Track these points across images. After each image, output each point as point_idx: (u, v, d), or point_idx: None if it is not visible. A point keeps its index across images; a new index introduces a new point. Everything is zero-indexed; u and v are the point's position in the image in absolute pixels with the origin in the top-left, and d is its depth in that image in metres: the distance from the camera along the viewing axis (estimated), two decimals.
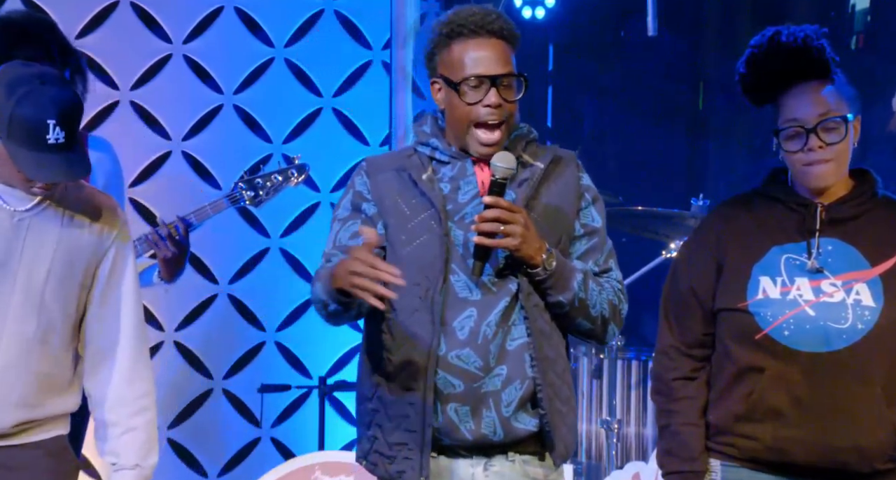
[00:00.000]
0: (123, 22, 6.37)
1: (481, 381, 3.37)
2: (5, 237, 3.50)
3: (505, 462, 3.43)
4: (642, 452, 6.28)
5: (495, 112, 3.40)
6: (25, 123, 3.38)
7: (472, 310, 3.38)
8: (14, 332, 3.50)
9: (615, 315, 3.50)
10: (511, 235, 3.32)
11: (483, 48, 3.41)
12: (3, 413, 3.51)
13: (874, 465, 3.42)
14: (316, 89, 6.58)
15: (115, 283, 3.63)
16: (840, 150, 3.44)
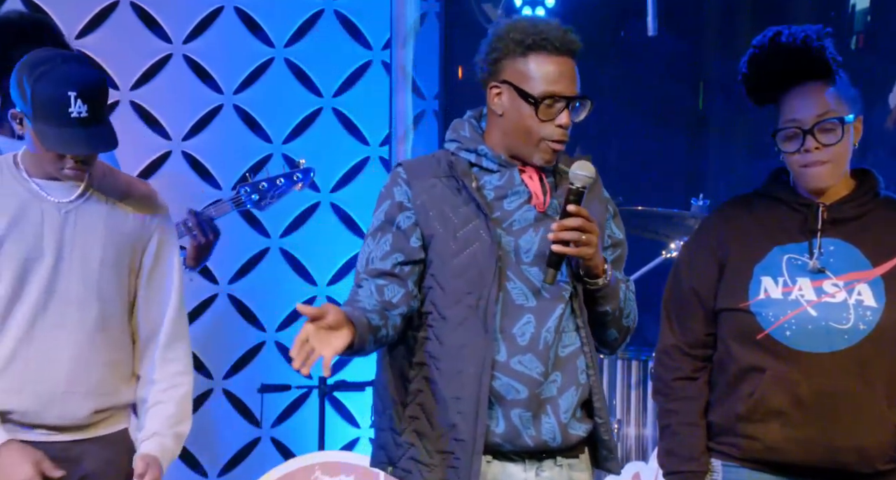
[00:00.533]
0: (123, 22, 6.37)
1: (541, 387, 3.39)
2: (57, 229, 3.61)
3: (554, 467, 3.45)
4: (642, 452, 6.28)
5: (565, 133, 3.42)
6: (47, 98, 3.47)
7: (529, 316, 3.40)
8: (77, 321, 3.61)
9: (634, 323, 3.57)
10: (588, 245, 3.35)
11: (563, 67, 3.41)
12: (81, 403, 3.63)
13: (875, 466, 3.42)
14: (316, 89, 6.58)
15: (161, 266, 3.73)
16: (837, 151, 3.43)
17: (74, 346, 3.61)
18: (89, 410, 3.63)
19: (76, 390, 3.61)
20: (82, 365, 3.61)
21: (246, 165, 6.39)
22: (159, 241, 3.72)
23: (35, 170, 3.63)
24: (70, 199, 3.62)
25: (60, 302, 3.60)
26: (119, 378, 3.69)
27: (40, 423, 3.62)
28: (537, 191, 3.43)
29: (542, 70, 3.39)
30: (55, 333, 3.60)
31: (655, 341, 3.63)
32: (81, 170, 3.58)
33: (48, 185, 3.63)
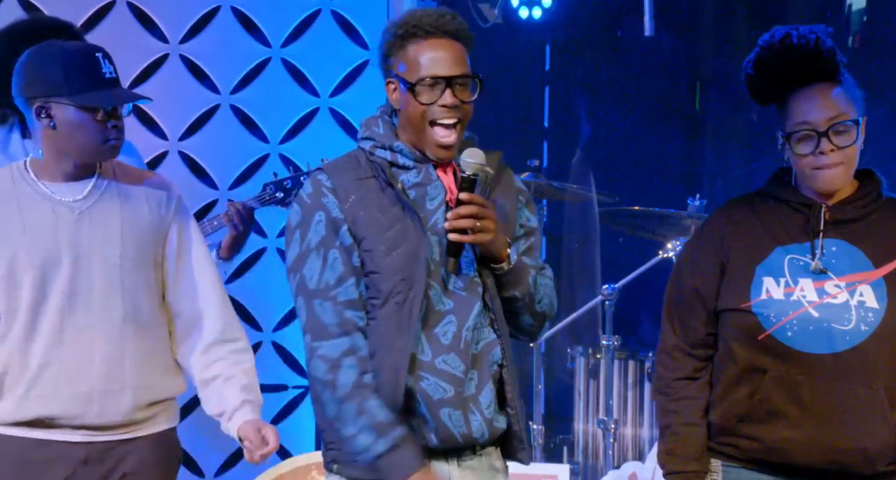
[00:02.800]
0: (120, 21, 6.36)
1: (464, 386, 3.40)
2: (72, 230, 3.62)
3: (474, 457, 3.46)
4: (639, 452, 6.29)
5: (450, 112, 3.38)
6: (78, 62, 3.55)
7: (450, 317, 3.40)
8: (104, 320, 3.62)
9: (551, 311, 3.54)
10: (485, 231, 3.34)
11: (438, 48, 3.39)
12: (120, 399, 3.63)
13: (876, 467, 3.42)
14: (313, 89, 6.58)
15: (186, 256, 3.75)
16: (850, 153, 3.44)
17: (105, 344, 3.62)
18: (129, 406, 3.64)
19: (113, 387, 3.62)
20: (116, 362, 3.62)
21: (243, 165, 6.39)
22: (179, 230, 3.74)
23: (44, 173, 3.65)
24: (81, 197, 3.64)
25: (85, 302, 3.61)
26: (157, 370, 3.69)
27: (82, 424, 3.63)
28: (451, 186, 3.43)
29: (418, 55, 3.39)
30: (85, 334, 3.61)
31: (652, 341, 3.64)
32: (121, 137, 3.62)
33: (59, 188, 3.64)
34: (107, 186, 3.67)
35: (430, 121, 3.39)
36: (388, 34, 3.43)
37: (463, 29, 3.42)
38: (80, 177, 3.65)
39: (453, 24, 3.40)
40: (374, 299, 3.40)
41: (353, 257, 3.39)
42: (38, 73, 3.58)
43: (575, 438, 6.55)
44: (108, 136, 3.59)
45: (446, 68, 3.38)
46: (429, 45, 3.39)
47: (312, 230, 3.39)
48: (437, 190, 3.42)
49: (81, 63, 3.56)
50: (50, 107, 3.57)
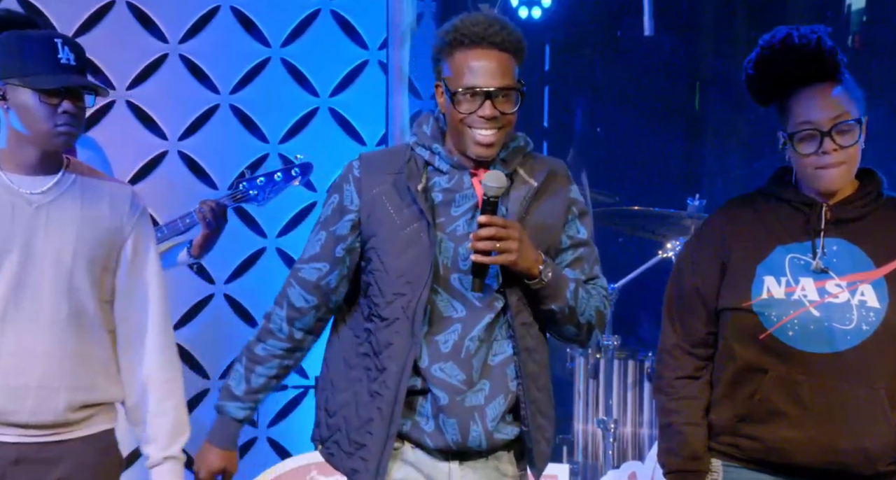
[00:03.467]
0: (120, 21, 6.36)
1: (464, 395, 3.41)
2: (27, 223, 3.58)
3: (479, 460, 3.47)
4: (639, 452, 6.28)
5: (489, 123, 3.40)
6: (36, 45, 3.55)
7: (457, 326, 3.42)
8: (49, 317, 3.58)
9: (600, 321, 3.54)
10: (507, 252, 3.35)
11: (482, 59, 3.39)
12: (55, 397, 3.58)
13: (877, 467, 3.41)
14: (312, 89, 6.58)
15: (139, 267, 3.71)
16: (852, 153, 3.44)
17: (47, 340, 3.57)
18: (64, 405, 3.58)
19: (50, 384, 3.57)
20: (55, 360, 3.57)
21: (242, 165, 6.38)
22: (135, 241, 3.69)
23: (8, 163, 3.61)
24: (42, 191, 3.60)
25: (31, 295, 3.57)
26: (96, 373, 3.64)
27: (14, 421, 3.57)
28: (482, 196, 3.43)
29: (462, 65, 3.40)
30: (27, 327, 3.56)
31: (652, 340, 3.64)
32: (73, 125, 3.58)
33: (21, 180, 3.60)
34: (71, 184, 3.64)
35: (467, 128, 3.42)
36: (439, 39, 3.45)
37: (510, 39, 3.40)
38: (44, 171, 3.61)
39: (501, 35, 3.39)
40: (378, 297, 3.43)
41: (339, 247, 3.48)
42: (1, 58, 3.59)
43: (575, 438, 6.54)
44: (56, 122, 3.55)
45: (487, 80, 3.38)
46: (473, 55, 3.40)
47: (326, 208, 3.56)
48: (465, 198, 3.44)
49: (38, 47, 3.55)
50: (5, 89, 3.58)
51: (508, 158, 3.48)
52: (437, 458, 3.46)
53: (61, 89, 3.54)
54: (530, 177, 3.49)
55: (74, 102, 3.57)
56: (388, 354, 3.42)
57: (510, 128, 3.44)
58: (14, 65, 3.56)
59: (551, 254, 3.49)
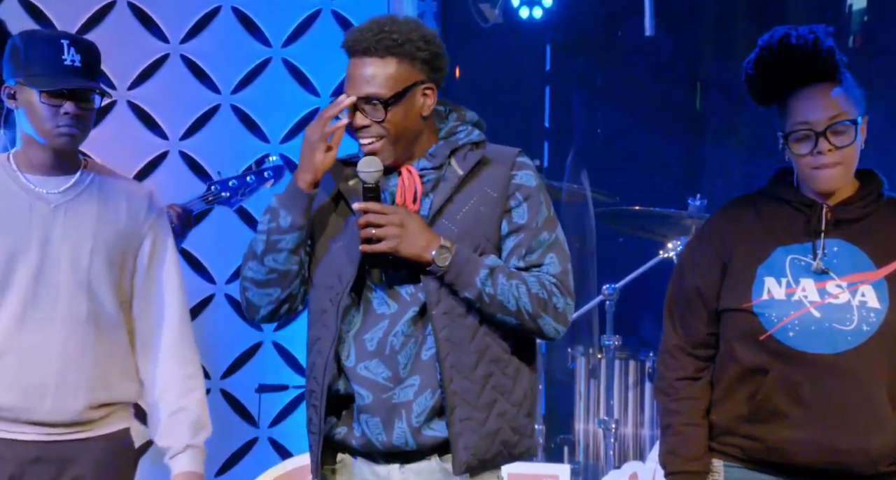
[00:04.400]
0: (121, 22, 6.36)
1: (391, 392, 3.38)
2: (45, 222, 3.61)
3: (422, 461, 3.43)
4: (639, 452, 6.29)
5: (362, 132, 3.39)
6: (40, 45, 3.58)
7: (384, 323, 3.40)
8: (66, 315, 3.60)
9: (545, 308, 3.40)
10: (385, 237, 3.33)
11: (353, 67, 3.41)
12: (73, 396, 3.61)
13: (878, 468, 3.41)
14: (313, 89, 6.58)
15: (156, 268, 3.73)
16: (848, 153, 3.44)
17: (65, 339, 3.59)
18: (82, 404, 3.61)
19: (67, 383, 3.59)
20: (73, 359, 3.59)
21: (244, 165, 6.38)
22: (153, 242, 3.72)
23: (25, 164, 3.64)
24: (60, 191, 3.63)
25: (49, 294, 3.59)
26: (114, 373, 3.67)
27: (33, 420, 3.60)
28: (403, 192, 3.41)
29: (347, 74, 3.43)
30: (45, 326, 3.59)
31: (652, 341, 3.64)
32: (76, 127, 3.59)
33: (38, 180, 3.63)
34: (88, 184, 3.66)
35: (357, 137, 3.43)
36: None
37: (384, 45, 3.38)
38: (61, 171, 3.64)
39: (367, 42, 3.39)
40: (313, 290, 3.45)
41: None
42: (6, 57, 3.62)
43: (576, 438, 6.54)
44: (58, 123, 3.57)
45: (354, 88, 3.39)
46: (350, 65, 3.42)
47: None
48: (392, 195, 3.43)
49: (43, 48, 3.57)
50: (14, 89, 3.61)
51: (436, 152, 3.44)
52: (378, 463, 3.43)
53: (64, 91, 3.55)
54: (458, 167, 3.44)
55: (78, 104, 3.58)
56: (318, 349, 3.43)
57: (396, 132, 3.39)
58: (21, 65, 3.58)
59: (485, 246, 3.41)
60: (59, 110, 3.56)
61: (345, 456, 3.48)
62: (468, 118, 3.53)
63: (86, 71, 3.59)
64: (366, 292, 3.41)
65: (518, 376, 3.45)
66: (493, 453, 3.40)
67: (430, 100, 3.44)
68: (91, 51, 3.64)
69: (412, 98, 3.40)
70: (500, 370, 3.42)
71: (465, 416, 3.37)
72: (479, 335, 3.40)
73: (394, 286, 3.40)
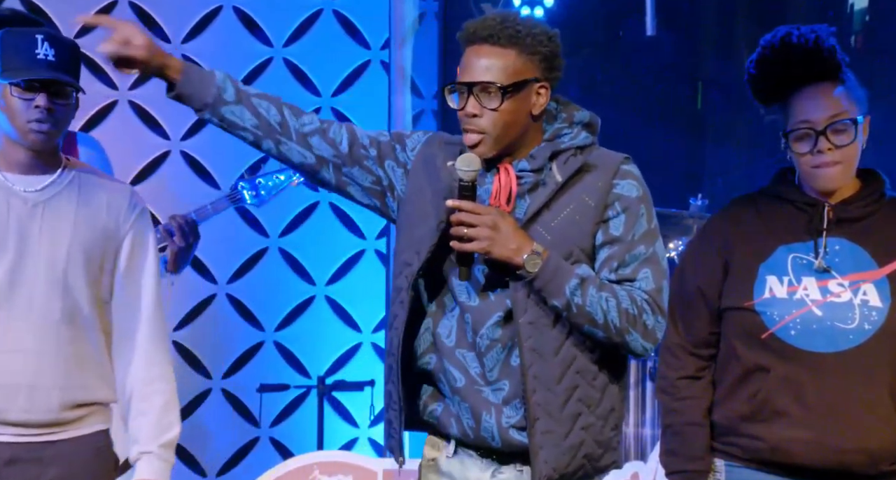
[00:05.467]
0: None
1: (481, 388, 3.35)
2: (22, 222, 3.57)
3: (513, 471, 3.39)
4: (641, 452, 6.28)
5: (470, 120, 3.33)
6: (13, 40, 3.53)
7: (467, 316, 3.36)
8: (41, 314, 3.56)
9: (634, 324, 3.31)
10: (477, 238, 3.27)
11: (472, 55, 3.34)
12: (47, 396, 3.57)
13: (880, 467, 3.41)
14: (315, 89, 6.58)
15: (135, 268, 3.68)
16: (849, 152, 3.44)
17: (40, 338, 3.55)
18: (57, 403, 3.57)
19: (41, 382, 3.55)
20: (48, 358, 3.55)
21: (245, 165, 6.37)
22: (133, 241, 3.67)
23: (3, 162, 3.59)
24: (38, 190, 3.59)
25: (25, 293, 3.55)
26: (90, 373, 3.62)
27: (7, 420, 3.55)
28: (498, 191, 3.36)
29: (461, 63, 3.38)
30: (19, 324, 3.55)
31: None
32: (48, 121, 3.54)
33: (18, 178, 3.59)
34: (68, 183, 3.62)
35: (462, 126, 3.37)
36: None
37: (503, 34, 3.31)
38: (41, 170, 3.60)
39: (488, 30, 3.31)
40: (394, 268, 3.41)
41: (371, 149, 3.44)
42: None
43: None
44: (30, 117, 3.52)
45: (465, 75, 3.33)
46: (467, 52, 3.35)
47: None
48: (486, 192, 3.37)
49: (17, 43, 3.53)
50: None
51: (537, 154, 3.37)
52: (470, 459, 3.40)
53: (36, 84, 3.52)
54: (558, 173, 3.37)
55: (50, 97, 3.53)
56: (396, 326, 3.39)
57: (498, 127, 3.33)
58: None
59: (578, 255, 3.35)
60: (31, 103, 3.52)
61: (439, 441, 3.44)
62: (577, 119, 3.47)
63: (60, 65, 3.52)
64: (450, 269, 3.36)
65: (606, 388, 3.39)
66: (574, 467, 3.35)
67: (542, 100, 3.37)
68: (68, 47, 3.57)
69: (527, 93, 3.34)
70: (587, 381, 3.36)
71: (546, 429, 3.31)
72: (567, 346, 3.34)
73: (479, 278, 3.35)
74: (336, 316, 6.65)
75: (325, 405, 6.34)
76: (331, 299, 6.64)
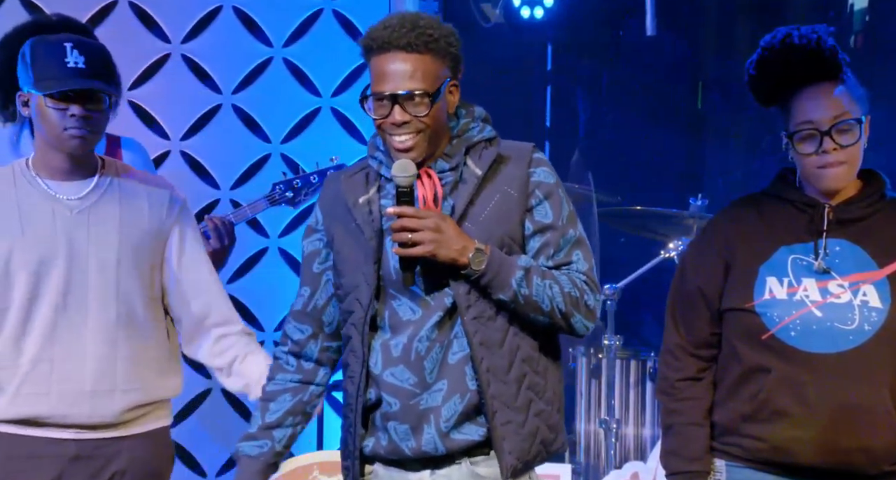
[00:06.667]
0: (122, 21, 6.36)
1: (418, 398, 3.34)
2: (69, 229, 3.64)
3: (452, 466, 3.39)
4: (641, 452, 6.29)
5: (400, 128, 3.32)
6: (44, 51, 3.58)
7: (409, 329, 3.36)
8: (97, 320, 3.63)
9: (577, 306, 3.36)
10: (421, 242, 3.28)
11: (388, 63, 3.31)
12: (109, 401, 3.65)
13: (881, 467, 3.42)
14: (315, 89, 6.58)
15: (187, 260, 3.78)
16: (853, 152, 3.44)
17: (98, 344, 3.63)
18: (119, 408, 3.66)
19: (103, 388, 3.63)
20: (107, 363, 3.63)
21: (245, 165, 6.39)
22: (180, 232, 3.77)
23: (44, 170, 3.65)
24: (81, 196, 3.65)
25: (79, 301, 3.62)
26: (150, 372, 3.71)
27: (70, 423, 3.64)
28: (425, 195, 3.35)
29: (374, 70, 3.34)
30: (78, 332, 3.62)
31: (653, 341, 3.63)
32: (84, 128, 3.59)
33: (59, 186, 3.66)
34: (108, 186, 3.68)
35: (387, 133, 3.35)
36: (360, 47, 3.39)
37: (420, 41, 3.30)
38: (80, 175, 3.66)
39: (406, 38, 3.30)
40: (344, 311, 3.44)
41: (314, 264, 3.50)
42: (20, 66, 3.64)
43: (577, 438, 6.54)
44: (66, 125, 3.58)
45: (388, 85, 3.30)
46: (380, 61, 3.32)
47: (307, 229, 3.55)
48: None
49: (47, 53, 3.58)
50: (27, 97, 3.62)
51: (451, 152, 3.40)
52: (409, 469, 3.40)
53: (69, 93, 3.55)
54: (476, 167, 3.39)
55: (85, 105, 3.57)
56: (349, 375, 3.41)
57: (433, 128, 3.34)
58: (29, 72, 3.59)
59: (509, 244, 3.37)
60: (66, 113, 3.57)
61: (374, 467, 3.45)
62: (477, 114, 3.48)
63: (91, 72, 3.58)
64: (390, 300, 3.37)
65: (547, 373, 3.43)
66: (533, 453, 3.38)
67: (454, 98, 3.40)
68: (96, 51, 3.63)
69: (445, 95, 3.37)
70: (533, 369, 3.39)
71: (506, 419, 3.34)
72: (510, 336, 3.37)
73: (418, 293, 3.36)
74: None
75: (325, 405, 6.33)
76: None
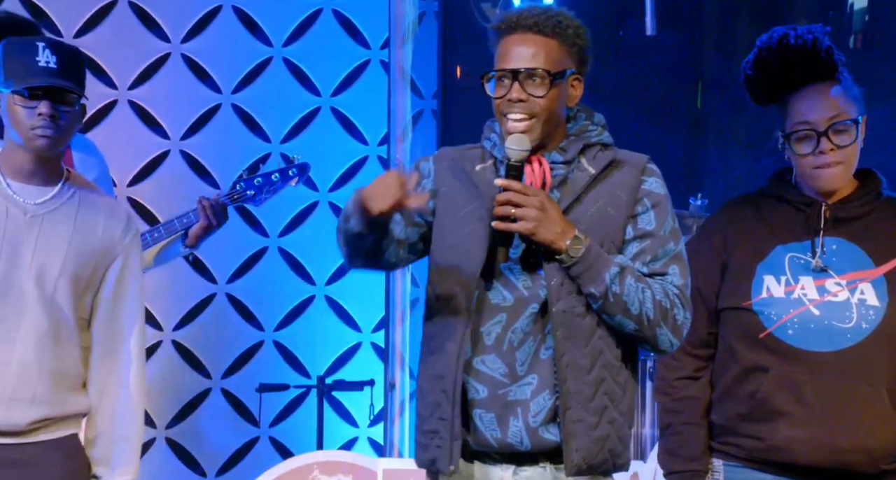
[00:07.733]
0: (122, 21, 6.37)
1: (507, 389, 3.30)
2: (20, 232, 3.55)
3: (536, 469, 3.34)
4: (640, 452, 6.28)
5: (517, 106, 3.31)
6: (15, 49, 3.53)
7: (502, 316, 3.31)
8: (30, 328, 3.54)
9: (666, 318, 3.27)
10: (524, 218, 3.24)
11: (512, 42, 3.33)
12: (20, 411, 3.54)
13: (879, 465, 3.42)
14: (314, 88, 6.58)
15: (123, 289, 3.66)
16: (850, 152, 3.45)
17: (25, 352, 3.53)
18: (31, 419, 3.54)
19: (21, 397, 3.53)
20: (31, 372, 3.53)
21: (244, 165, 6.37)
22: (124, 264, 3.65)
23: (8, 169, 3.59)
24: (38, 202, 3.57)
25: (14, 306, 3.53)
26: (65, 388, 3.59)
27: None
28: (533, 182, 3.33)
29: (499, 51, 3.35)
30: (6, 337, 3.53)
31: None
32: (51, 128, 3.52)
33: (21, 187, 3.58)
34: (68, 198, 3.61)
35: (500, 113, 3.34)
36: (489, 32, 3.39)
37: (548, 24, 3.31)
38: (43, 180, 3.58)
39: (533, 19, 3.31)
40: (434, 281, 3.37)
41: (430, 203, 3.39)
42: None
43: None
44: (33, 124, 3.51)
45: (512, 62, 3.31)
46: (507, 41, 3.34)
47: None
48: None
49: (19, 52, 3.53)
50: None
51: (567, 147, 3.37)
52: (489, 464, 3.35)
53: (38, 91, 3.51)
54: (590, 166, 3.37)
55: (53, 104, 3.52)
56: (446, 332, 3.33)
57: (547, 114, 3.31)
58: (2, 71, 3.54)
59: (608, 247, 3.33)
60: (34, 111, 3.51)
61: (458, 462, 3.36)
62: (597, 120, 3.47)
63: (62, 72, 3.52)
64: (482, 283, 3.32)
65: (626, 386, 3.35)
66: (600, 459, 3.30)
67: (576, 92, 3.37)
68: (70, 53, 3.57)
69: (566, 84, 3.34)
70: (612, 376, 3.32)
71: (578, 418, 3.28)
72: (595, 338, 3.31)
73: (511, 278, 3.33)
74: (336, 316, 6.65)
75: (325, 405, 6.34)
76: (330, 299, 6.64)
